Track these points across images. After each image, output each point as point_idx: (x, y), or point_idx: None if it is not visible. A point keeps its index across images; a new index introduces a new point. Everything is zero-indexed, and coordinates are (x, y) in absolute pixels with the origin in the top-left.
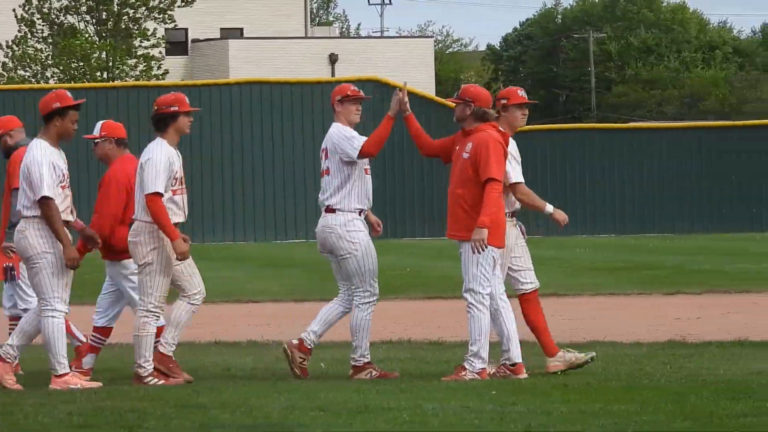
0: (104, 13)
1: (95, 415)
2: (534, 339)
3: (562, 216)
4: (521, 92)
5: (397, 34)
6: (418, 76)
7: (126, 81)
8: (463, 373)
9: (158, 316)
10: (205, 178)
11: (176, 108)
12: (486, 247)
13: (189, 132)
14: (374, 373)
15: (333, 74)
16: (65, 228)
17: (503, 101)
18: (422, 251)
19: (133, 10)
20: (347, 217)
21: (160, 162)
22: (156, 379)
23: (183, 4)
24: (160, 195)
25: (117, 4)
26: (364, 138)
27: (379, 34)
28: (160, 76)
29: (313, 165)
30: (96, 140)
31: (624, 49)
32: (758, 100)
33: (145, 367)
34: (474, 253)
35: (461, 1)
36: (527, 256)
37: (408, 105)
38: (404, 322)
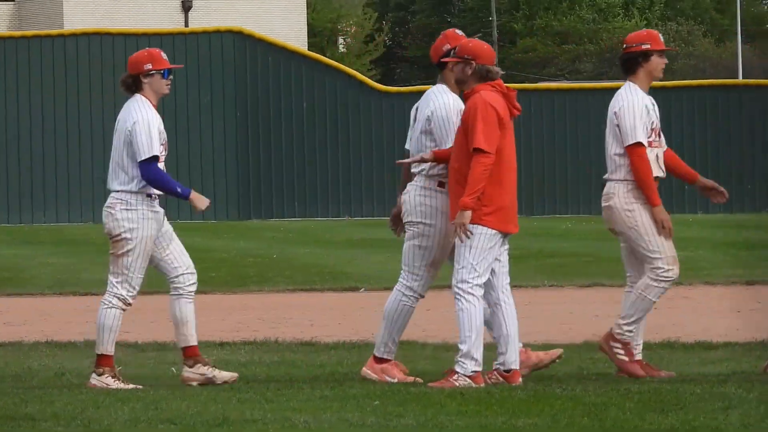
0: None
1: None
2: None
3: None
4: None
5: None
6: (287, 26)
7: None
8: (454, 377)
9: None
10: (35, 146)
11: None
12: (471, 234)
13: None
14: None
15: (187, 24)
16: None
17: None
18: (290, 235)
19: None
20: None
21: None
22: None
23: None
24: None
25: None
26: None
27: None
28: None
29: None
30: None
31: None
32: (690, 56)
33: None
34: (461, 241)
35: None
36: None
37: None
38: (270, 319)
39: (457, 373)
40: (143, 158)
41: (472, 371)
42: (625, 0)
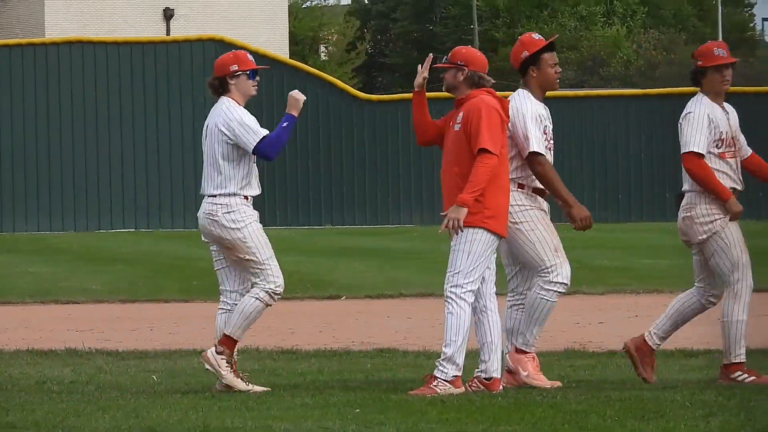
0: None
1: None
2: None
3: None
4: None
5: None
6: (269, 34)
7: None
8: (434, 383)
9: None
10: (16, 154)
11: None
12: (461, 230)
13: None
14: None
15: (168, 32)
16: None
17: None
18: (271, 243)
19: None
20: None
21: None
22: None
23: None
24: None
25: None
26: None
27: None
28: None
29: (144, 142)
30: None
31: (513, 4)
32: (672, 63)
33: None
34: (444, 229)
35: None
36: None
37: (423, 79)
38: (251, 327)
39: (437, 378)
40: (255, 144)
41: (452, 376)
42: (606, 8)
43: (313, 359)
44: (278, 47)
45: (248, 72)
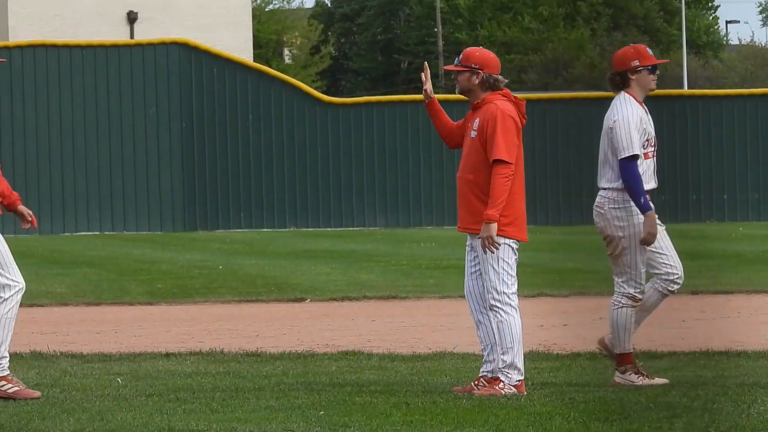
0: None
1: None
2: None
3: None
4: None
5: None
6: (232, 37)
7: None
8: (500, 386)
9: None
10: None
11: (638, 63)
12: (498, 246)
13: None
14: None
15: (132, 36)
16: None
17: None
18: (236, 246)
19: None
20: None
21: None
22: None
23: None
24: None
25: None
26: None
27: None
28: None
29: (109, 144)
30: None
31: (476, 5)
32: None
33: None
34: (485, 253)
35: None
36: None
37: (429, 88)
38: (216, 330)
39: (503, 382)
40: (622, 156)
41: (517, 380)
42: (568, 10)
43: (278, 362)
44: (242, 50)
45: (649, 67)
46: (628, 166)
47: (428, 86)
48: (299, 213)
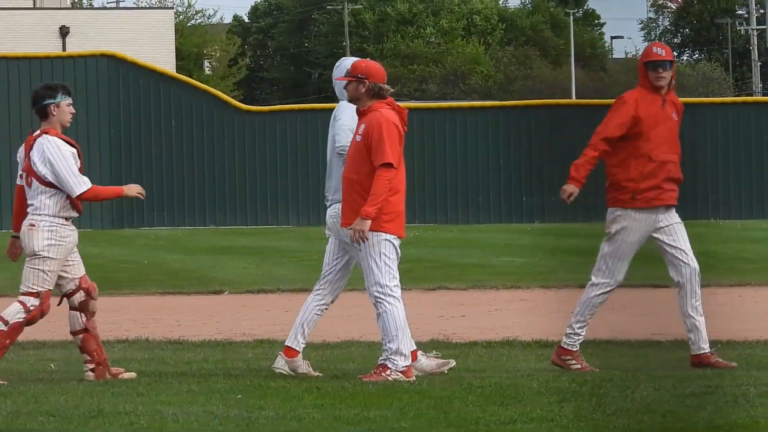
0: None
1: None
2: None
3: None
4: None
5: (135, 5)
6: (156, 50)
7: None
8: (387, 372)
9: None
10: None
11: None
12: (366, 239)
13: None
14: None
15: (64, 48)
16: None
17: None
18: (160, 242)
19: None
20: None
21: None
22: None
23: None
24: None
25: None
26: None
27: (114, 5)
28: None
29: None
30: None
31: (382, 19)
32: (527, 77)
33: None
34: (353, 243)
35: None
36: None
37: None
38: (141, 319)
39: (389, 369)
40: None
41: (403, 366)
42: (466, 23)
43: (199, 349)
44: (165, 62)
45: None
46: None
47: None
48: (218, 212)
